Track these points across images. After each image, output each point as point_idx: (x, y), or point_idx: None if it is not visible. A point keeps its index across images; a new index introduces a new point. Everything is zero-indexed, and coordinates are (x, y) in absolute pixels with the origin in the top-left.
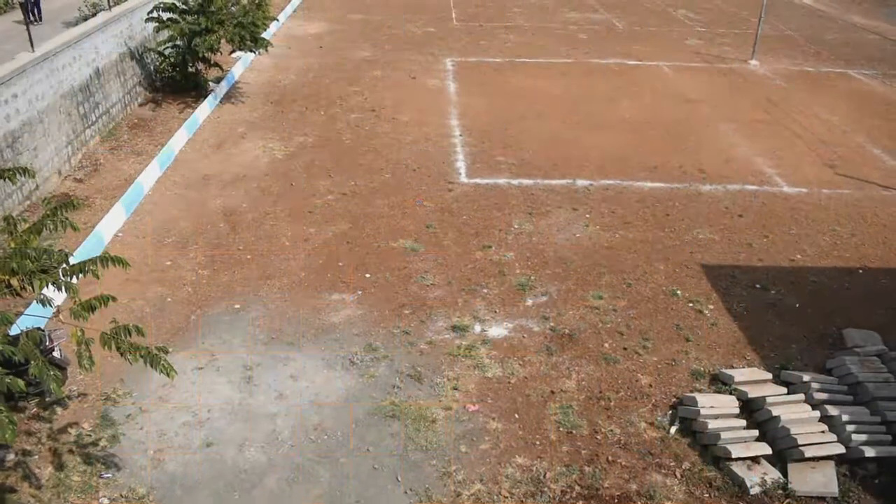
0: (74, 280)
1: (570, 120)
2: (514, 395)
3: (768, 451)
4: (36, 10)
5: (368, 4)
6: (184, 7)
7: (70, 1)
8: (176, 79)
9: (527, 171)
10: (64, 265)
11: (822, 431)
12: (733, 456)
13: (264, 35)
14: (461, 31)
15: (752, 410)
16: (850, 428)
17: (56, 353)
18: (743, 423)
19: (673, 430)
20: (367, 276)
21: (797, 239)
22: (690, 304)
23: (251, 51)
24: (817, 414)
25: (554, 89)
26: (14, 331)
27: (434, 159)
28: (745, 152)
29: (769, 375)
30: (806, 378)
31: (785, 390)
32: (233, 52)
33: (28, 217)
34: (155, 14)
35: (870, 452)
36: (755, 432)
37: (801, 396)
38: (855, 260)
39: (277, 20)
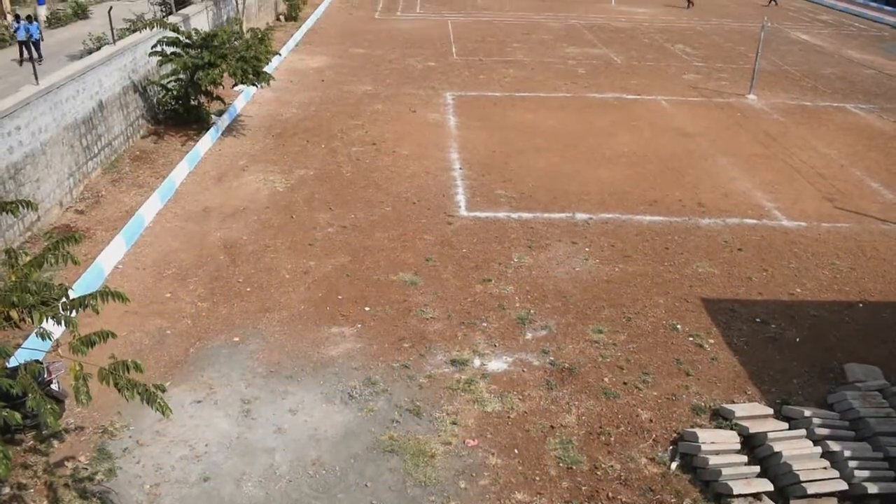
0: (74, 314)
1: (570, 154)
2: (513, 430)
3: (770, 487)
4: (36, 49)
5: (370, 39)
6: (187, 41)
7: (75, 33)
8: (178, 111)
9: (526, 204)
10: (64, 299)
11: (825, 468)
12: (735, 493)
13: (266, 69)
14: (461, 66)
15: (753, 446)
16: (852, 464)
17: (54, 386)
18: (744, 459)
19: (674, 466)
20: (367, 309)
21: (797, 273)
22: (690, 339)
23: (253, 84)
24: (819, 450)
25: (553, 123)
26: (13, 363)
27: (434, 192)
28: (744, 186)
29: (770, 410)
30: (807, 413)
31: (786, 426)
32: (235, 85)
33: (29, 249)
34: (159, 48)
35: (872, 489)
36: (757, 468)
37: (803, 432)
38: (855, 294)
39: (280, 54)
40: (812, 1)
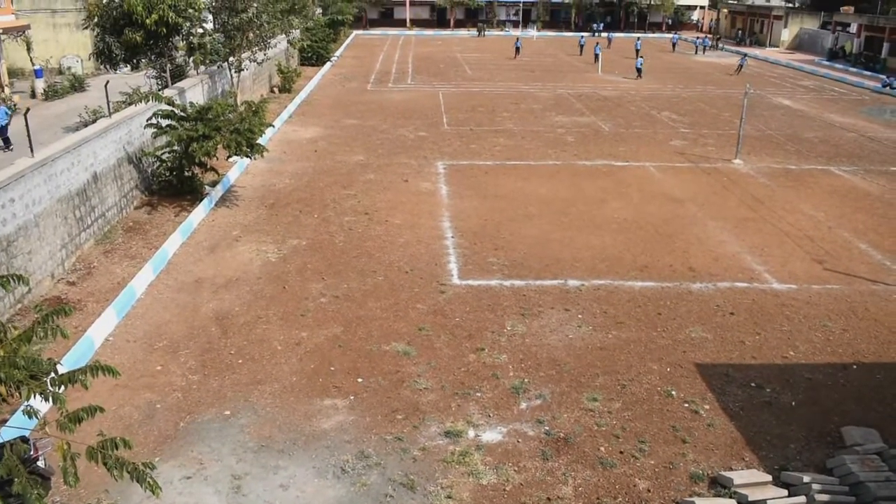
0: (62, 389)
1: (560, 220)
2: (509, 503)
3: None
4: (2, 136)
5: (362, 110)
6: (182, 114)
7: (72, 105)
8: (172, 182)
9: (518, 272)
10: (52, 374)
11: None
12: None
13: (260, 140)
14: (452, 136)
15: None
16: None
17: (40, 462)
18: None
19: None
20: (360, 380)
21: (790, 335)
22: (686, 405)
23: (247, 156)
24: None
25: (543, 191)
26: None
27: (426, 261)
28: (734, 250)
29: (769, 477)
30: (806, 479)
31: (786, 492)
32: (230, 156)
33: (19, 322)
34: (154, 120)
35: None
36: None
37: (803, 499)
38: (848, 355)
39: (273, 126)
40: (793, 67)
